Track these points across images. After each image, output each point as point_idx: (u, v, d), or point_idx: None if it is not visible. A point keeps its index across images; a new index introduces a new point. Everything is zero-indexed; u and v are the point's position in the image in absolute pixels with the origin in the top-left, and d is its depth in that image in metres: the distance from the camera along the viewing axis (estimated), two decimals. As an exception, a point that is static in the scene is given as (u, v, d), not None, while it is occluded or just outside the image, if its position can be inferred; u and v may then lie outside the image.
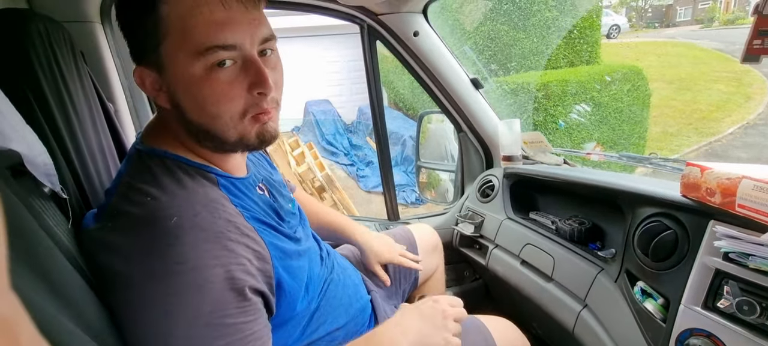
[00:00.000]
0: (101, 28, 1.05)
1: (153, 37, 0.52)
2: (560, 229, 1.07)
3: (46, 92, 0.70)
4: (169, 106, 0.57)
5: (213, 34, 0.51)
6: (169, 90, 0.55)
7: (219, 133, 0.56)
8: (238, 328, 0.51)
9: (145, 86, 0.56)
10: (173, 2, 0.51)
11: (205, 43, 0.51)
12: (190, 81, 0.53)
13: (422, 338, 0.68)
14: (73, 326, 0.41)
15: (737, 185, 0.62)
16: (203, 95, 0.53)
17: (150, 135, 0.62)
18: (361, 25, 1.34)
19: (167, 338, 0.48)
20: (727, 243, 0.62)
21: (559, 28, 5.01)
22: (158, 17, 0.51)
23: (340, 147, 6.53)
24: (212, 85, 0.53)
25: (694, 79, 7.57)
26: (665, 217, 0.77)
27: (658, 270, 0.75)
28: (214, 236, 0.52)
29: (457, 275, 1.55)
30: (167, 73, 0.54)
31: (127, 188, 0.56)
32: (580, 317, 0.92)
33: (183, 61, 0.52)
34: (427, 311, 0.71)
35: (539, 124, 4.44)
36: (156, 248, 0.49)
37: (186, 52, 0.52)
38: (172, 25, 0.51)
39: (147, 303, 0.49)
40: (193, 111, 0.55)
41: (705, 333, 0.64)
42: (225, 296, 0.50)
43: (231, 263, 0.52)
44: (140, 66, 0.56)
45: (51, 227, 0.52)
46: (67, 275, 0.47)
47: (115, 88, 1.09)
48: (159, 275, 0.49)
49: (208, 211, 0.53)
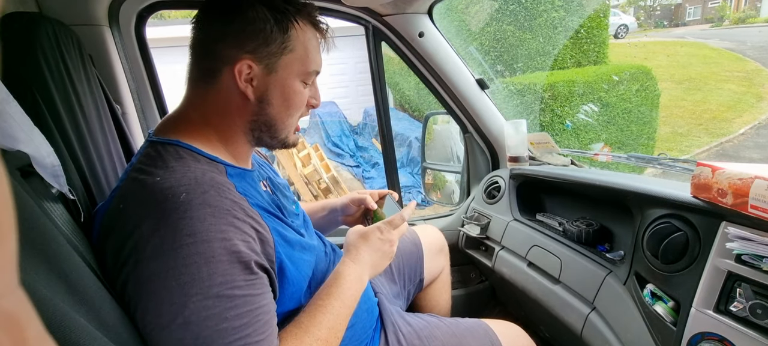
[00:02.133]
0: (109, 32, 1.06)
1: (279, 46, 0.64)
2: (568, 230, 1.06)
3: (55, 94, 0.71)
4: (253, 98, 0.64)
5: (318, 63, 0.70)
6: (265, 87, 0.65)
7: (280, 130, 0.69)
8: (248, 300, 0.53)
9: (241, 74, 0.62)
10: (301, 30, 0.66)
11: (314, 69, 0.69)
12: (291, 87, 0.67)
13: (375, 268, 0.77)
14: (85, 322, 0.41)
15: (750, 186, 0.61)
16: (293, 100, 0.67)
17: (165, 127, 0.65)
18: (366, 26, 1.34)
19: (182, 309, 0.49)
20: (740, 245, 0.61)
21: (566, 28, 4.97)
22: (289, 35, 0.64)
23: (345, 149, 6.54)
24: (300, 95, 0.69)
25: (704, 79, 7.46)
26: (675, 218, 0.75)
27: (668, 272, 0.74)
28: (221, 213, 0.54)
29: (463, 277, 1.54)
30: (274, 76, 0.65)
31: (137, 172, 0.58)
32: (588, 320, 0.91)
33: (291, 73, 0.66)
34: (377, 243, 0.78)
35: (546, 124, 4.41)
36: (168, 222, 0.51)
37: (298, 68, 0.66)
38: (297, 44, 0.65)
39: (162, 276, 0.50)
40: (277, 108, 0.67)
41: (717, 337, 0.63)
42: (233, 268, 0.53)
43: (237, 238, 0.54)
44: (247, 57, 0.62)
45: (60, 225, 0.52)
46: (80, 272, 0.47)
47: (122, 90, 1.10)
48: (172, 248, 0.50)
49: (216, 190, 0.56)
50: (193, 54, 0.65)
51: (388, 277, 1.09)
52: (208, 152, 0.63)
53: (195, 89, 0.66)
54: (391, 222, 0.80)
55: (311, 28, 0.67)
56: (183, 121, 0.65)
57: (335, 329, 0.65)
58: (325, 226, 1.05)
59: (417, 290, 1.17)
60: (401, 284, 1.10)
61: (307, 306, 0.66)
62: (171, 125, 0.65)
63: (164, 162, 0.58)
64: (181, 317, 0.49)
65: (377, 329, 0.88)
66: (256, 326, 0.53)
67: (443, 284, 1.25)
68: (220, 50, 0.62)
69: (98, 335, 0.41)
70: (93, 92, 0.85)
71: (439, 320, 0.95)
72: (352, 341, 0.79)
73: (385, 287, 1.04)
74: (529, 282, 1.12)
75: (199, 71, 0.65)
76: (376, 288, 0.98)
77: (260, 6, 0.62)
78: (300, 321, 0.63)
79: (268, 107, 0.65)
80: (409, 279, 1.13)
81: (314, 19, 0.68)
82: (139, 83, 1.18)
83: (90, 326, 0.41)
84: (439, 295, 1.23)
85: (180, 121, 0.66)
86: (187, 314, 0.49)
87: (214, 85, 0.64)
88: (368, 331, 0.85)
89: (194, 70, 0.66)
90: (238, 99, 0.64)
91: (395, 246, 0.81)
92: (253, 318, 0.53)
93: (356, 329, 0.81)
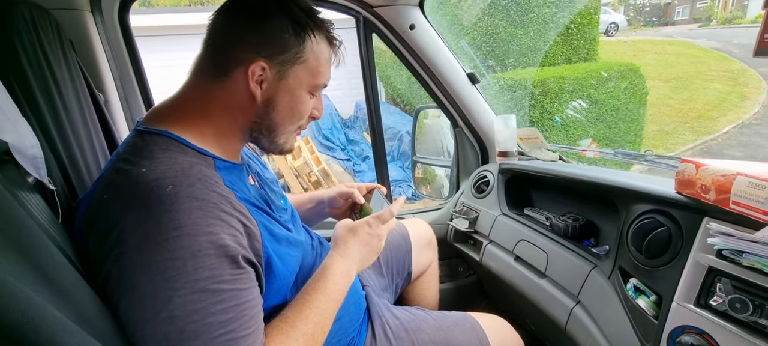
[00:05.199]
0: (91, 17, 1.03)
1: (294, 55, 0.65)
2: (554, 225, 1.07)
3: (32, 81, 0.68)
4: (260, 100, 0.65)
5: (327, 77, 0.71)
6: (274, 92, 0.65)
7: (281, 133, 0.69)
8: (234, 294, 0.53)
9: (253, 75, 0.62)
10: (316, 43, 0.67)
11: (323, 82, 0.70)
12: (298, 96, 0.68)
13: (362, 263, 0.77)
14: (61, 315, 0.40)
15: (732, 182, 0.62)
16: (298, 109, 0.69)
17: (155, 117, 0.63)
18: (357, 17, 1.33)
19: (167, 303, 0.48)
20: (721, 240, 0.62)
21: (557, 24, 4.99)
22: (303, 47, 0.65)
23: (336, 142, 6.50)
24: (306, 105, 0.70)
25: (691, 78, 7.59)
26: (659, 214, 0.76)
27: (651, 267, 0.75)
28: (208, 206, 0.53)
29: (451, 271, 1.55)
30: (284, 83, 0.65)
31: (122, 162, 0.56)
32: (572, 313, 0.92)
33: (301, 83, 0.67)
34: (365, 237, 0.78)
35: (536, 120, 4.44)
36: (153, 214, 0.50)
37: (308, 79, 0.67)
38: (310, 56, 0.66)
39: (145, 269, 0.49)
40: (282, 114, 0.67)
41: (697, 331, 0.64)
42: (220, 262, 0.52)
43: (223, 232, 0.53)
44: (262, 60, 0.62)
45: (36, 216, 0.50)
46: (57, 263, 0.46)
47: (105, 78, 1.07)
48: (156, 241, 0.49)
49: (203, 183, 0.55)
50: (207, 48, 0.65)
51: (376, 270, 1.09)
52: (198, 145, 0.62)
53: (200, 81, 0.65)
54: (380, 217, 0.80)
55: (326, 43, 0.69)
56: (178, 111, 0.64)
57: (321, 323, 0.65)
58: (312, 218, 1.04)
59: (405, 284, 1.17)
60: (389, 277, 1.10)
61: (293, 301, 0.66)
62: (162, 115, 0.63)
63: (151, 153, 0.56)
64: (165, 312, 0.48)
65: (364, 322, 0.88)
66: (243, 321, 0.53)
67: (431, 278, 1.25)
68: (237, 50, 0.62)
69: (75, 328, 0.40)
70: (74, 79, 0.83)
71: (426, 313, 0.95)
72: (338, 333, 0.79)
73: (372, 280, 1.03)
74: (515, 276, 1.13)
75: (210, 65, 0.64)
76: (364, 281, 0.98)
77: (283, 16, 0.64)
78: (286, 316, 0.62)
79: (272, 112, 0.66)
80: (397, 272, 1.13)
81: (330, 35, 0.70)
82: (123, 71, 1.15)
83: (66, 320, 0.40)
84: (426, 288, 1.24)
85: (174, 110, 0.64)
86: (172, 308, 0.48)
87: (223, 81, 0.63)
88: (355, 324, 0.85)
89: (204, 62, 0.65)
90: (244, 98, 0.64)
91: (383, 241, 0.80)
92: (239, 313, 0.53)
93: (343, 322, 0.81)
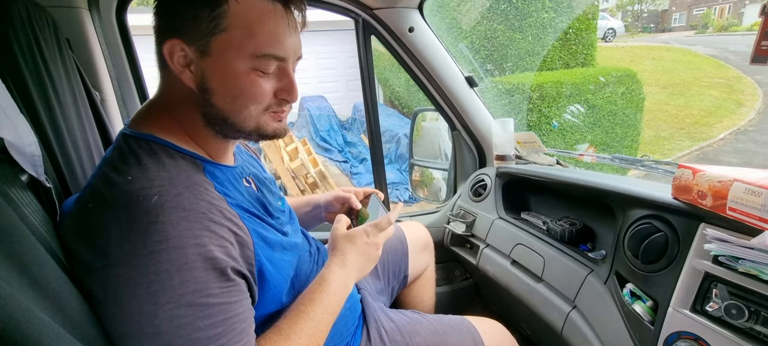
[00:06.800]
0: (88, 15, 1.02)
1: (209, 24, 0.55)
2: (551, 229, 1.07)
3: (27, 78, 0.68)
4: (194, 86, 0.58)
5: (272, 44, 0.57)
6: (202, 73, 0.57)
7: (239, 122, 0.60)
8: (222, 308, 0.51)
9: (173, 60, 0.56)
10: (240, 6, 0.55)
11: (263, 50, 0.57)
12: (232, 74, 0.57)
13: (360, 272, 0.76)
14: (47, 317, 0.39)
15: (729, 188, 0.62)
16: (239, 88, 0.57)
17: (139, 120, 0.61)
18: (356, 19, 1.33)
19: (152, 319, 0.47)
20: (717, 246, 0.62)
21: (555, 29, 5.02)
22: (223, 10, 0.54)
23: (334, 144, 6.49)
24: (252, 84, 0.58)
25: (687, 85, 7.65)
26: (656, 219, 0.76)
27: (647, 272, 0.75)
28: (196, 216, 0.51)
29: (447, 274, 1.54)
30: (209, 60, 0.56)
31: (109, 168, 0.55)
32: (569, 318, 0.92)
33: (233, 55, 0.56)
34: (363, 246, 0.76)
35: (533, 124, 4.45)
36: (137, 227, 0.48)
37: (241, 50, 0.56)
38: (237, 22, 0.55)
39: (130, 283, 0.47)
40: (222, 98, 0.58)
41: (693, 336, 0.64)
42: (208, 275, 0.50)
43: (212, 243, 0.51)
44: (174, 40, 0.55)
45: (27, 216, 0.50)
46: (44, 265, 0.45)
47: (102, 76, 1.06)
48: (141, 254, 0.47)
49: (191, 192, 0.53)
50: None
51: (372, 273, 1.08)
52: (184, 148, 0.60)
53: (160, 78, 0.62)
54: (377, 225, 0.79)
55: (264, 3, 0.56)
56: (155, 112, 0.62)
57: (317, 336, 0.63)
58: (308, 221, 1.03)
59: (401, 287, 1.17)
60: (385, 280, 1.10)
61: (288, 312, 0.64)
62: (143, 117, 0.61)
63: (137, 159, 0.54)
64: (150, 327, 0.47)
65: (359, 326, 0.87)
66: (232, 335, 0.51)
67: (427, 281, 1.25)
68: (158, 35, 0.58)
69: (62, 331, 0.39)
70: (69, 77, 0.82)
71: (422, 316, 0.95)
72: (334, 337, 0.78)
73: (368, 284, 1.03)
74: (512, 280, 1.13)
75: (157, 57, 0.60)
76: (360, 284, 0.98)
77: None
78: (280, 328, 0.60)
79: (211, 96, 0.58)
80: (393, 275, 1.12)
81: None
82: (120, 70, 1.14)
83: (52, 322, 0.39)
84: (423, 292, 1.23)
85: (153, 110, 0.62)
86: (158, 323, 0.47)
87: (164, 72, 0.59)
88: (350, 328, 0.84)
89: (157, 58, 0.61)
90: (182, 87, 0.58)
91: (380, 249, 0.79)
92: (229, 327, 0.51)
93: (339, 326, 0.80)
